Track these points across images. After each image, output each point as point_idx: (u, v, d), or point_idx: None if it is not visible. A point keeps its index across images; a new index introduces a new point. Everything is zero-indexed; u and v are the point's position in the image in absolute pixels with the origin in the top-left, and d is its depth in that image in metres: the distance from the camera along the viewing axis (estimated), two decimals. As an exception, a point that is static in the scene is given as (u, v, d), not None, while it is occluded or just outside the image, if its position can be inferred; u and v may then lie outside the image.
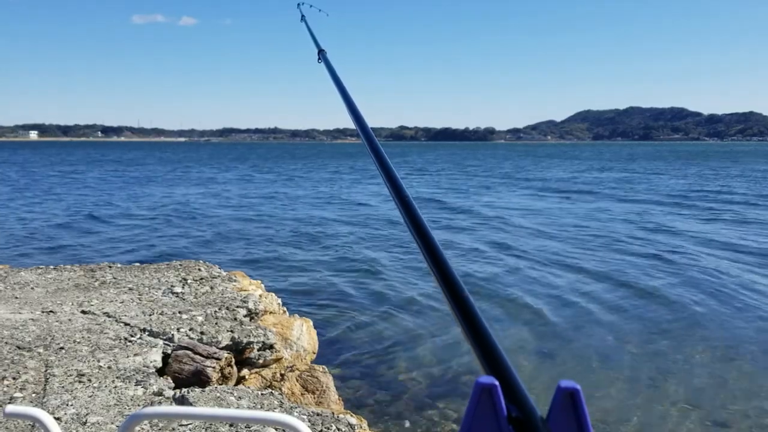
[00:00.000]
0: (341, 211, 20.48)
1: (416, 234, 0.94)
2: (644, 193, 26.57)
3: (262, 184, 32.45)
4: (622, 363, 6.63)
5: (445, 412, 5.41)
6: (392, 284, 10.01)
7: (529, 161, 67.17)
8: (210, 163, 60.08)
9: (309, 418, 3.26)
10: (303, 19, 2.84)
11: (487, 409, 0.54)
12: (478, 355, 0.67)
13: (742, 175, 39.43)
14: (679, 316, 8.21)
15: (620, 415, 5.42)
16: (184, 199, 24.17)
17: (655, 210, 20.11)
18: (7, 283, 5.63)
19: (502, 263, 11.60)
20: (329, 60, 2.14)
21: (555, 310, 8.49)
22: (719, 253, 12.42)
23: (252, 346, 4.44)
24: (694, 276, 10.43)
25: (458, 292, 0.78)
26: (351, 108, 1.62)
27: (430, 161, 67.61)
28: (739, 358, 6.76)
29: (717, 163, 61.00)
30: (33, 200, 23.29)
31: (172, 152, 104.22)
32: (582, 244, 13.57)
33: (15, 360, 3.75)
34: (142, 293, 5.35)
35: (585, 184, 32.61)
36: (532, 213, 19.60)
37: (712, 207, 20.89)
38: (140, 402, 3.33)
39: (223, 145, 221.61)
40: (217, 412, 1.11)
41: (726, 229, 15.67)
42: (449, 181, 36.04)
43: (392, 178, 1.14)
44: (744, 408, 5.58)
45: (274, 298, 5.90)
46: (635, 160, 68.48)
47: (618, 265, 11.30)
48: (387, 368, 6.45)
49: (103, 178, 36.66)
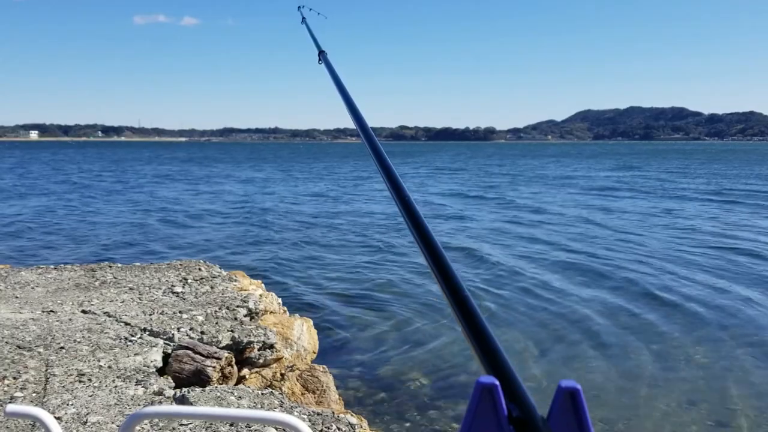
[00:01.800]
0: (342, 211, 20.49)
1: (417, 234, 0.94)
2: (671, 191, 26.58)
3: (301, 183, 31.91)
4: (622, 363, 6.63)
5: (445, 412, 5.41)
6: (393, 284, 10.02)
7: (549, 161, 66.94)
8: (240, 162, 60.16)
9: (309, 418, 3.26)
10: (304, 21, 2.89)
11: (488, 408, 0.54)
12: (479, 355, 0.67)
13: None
14: (680, 316, 8.20)
15: (621, 415, 5.42)
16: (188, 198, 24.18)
17: (665, 207, 20.11)
18: (8, 282, 5.63)
19: (502, 263, 11.60)
20: (330, 61, 2.15)
21: (556, 310, 8.49)
22: (720, 253, 12.42)
23: (252, 346, 4.44)
24: (695, 276, 10.43)
25: (458, 292, 0.78)
26: (351, 108, 1.62)
27: (446, 161, 66.78)
28: (740, 358, 6.75)
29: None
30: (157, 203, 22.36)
31: (243, 151, 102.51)
32: (585, 244, 13.57)
33: (15, 360, 3.75)
34: (142, 293, 5.35)
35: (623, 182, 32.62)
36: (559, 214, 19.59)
37: (711, 200, 20.91)
38: (140, 402, 3.33)
39: (227, 144, 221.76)
40: (218, 412, 1.11)
41: (727, 226, 15.66)
42: (483, 180, 35.72)
43: (392, 177, 1.14)
44: (744, 408, 5.58)
45: (275, 298, 5.90)
46: (665, 158, 68.54)
47: (619, 265, 11.30)
48: (387, 368, 6.45)
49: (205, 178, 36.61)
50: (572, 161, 64.82)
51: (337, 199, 24.35)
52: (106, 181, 34.34)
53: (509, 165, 56.78)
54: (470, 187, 30.47)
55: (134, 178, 36.79)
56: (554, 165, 56.10)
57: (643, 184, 31.66)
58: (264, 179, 36.39)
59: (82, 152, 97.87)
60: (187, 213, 19.55)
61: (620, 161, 63.11)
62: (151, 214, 19.29)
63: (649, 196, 25.06)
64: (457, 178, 38.27)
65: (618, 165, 54.42)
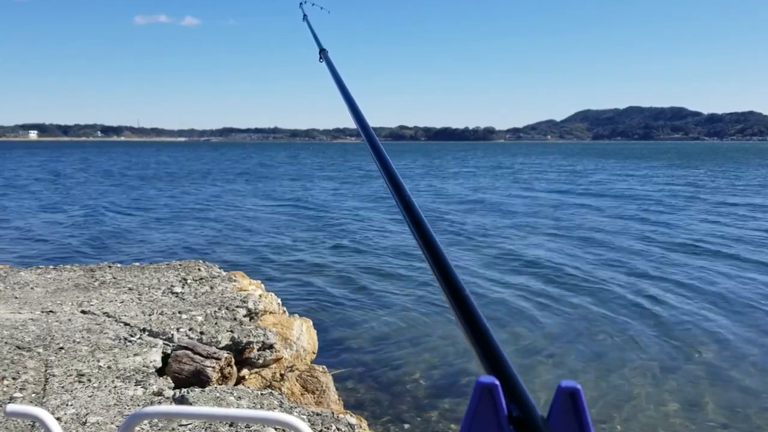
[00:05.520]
0: (342, 211, 20.48)
1: (417, 234, 0.94)
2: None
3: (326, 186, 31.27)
4: (623, 363, 6.63)
5: (445, 412, 5.41)
6: (393, 284, 10.01)
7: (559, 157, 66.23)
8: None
9: (309, 418, 3.26)
10: (305, 19, 2.85)
11: (488, 408, 0.54)
12: (479, 355, 0.67)
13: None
14: (681, 316, 8.21)
15: (621, 415, 5.42)
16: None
17: (661, 206, 20.12)
18: (7, 283, 5.63)
19: (504, 264, 11.60)
20: (330, 59, 2.14)
21: (556, 310, 8.49)
22: (721, 252, 12.42)
23: (252, 346, 4.43)
24: (695, 276, 10.43)
25: (459, 292, 0.78)
26: (352, 107, 1.62)
27: (460, 161, 65.86)
28: (741, 358, 6.76)
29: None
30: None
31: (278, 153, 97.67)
32: (587, 244, 13.57)
33: (15, 360, 3.74)
34: (141, 293, 5.35)
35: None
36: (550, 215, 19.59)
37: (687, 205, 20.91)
38: (140, 402, 3.33)
39: (225, 145, 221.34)
40: (217, 412, 1.11)
41: (711, 226, 15.68)
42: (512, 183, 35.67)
43: (393, 177, 1.14)
44: (745, 408, 5.58)
45: (274, 298, 5.90)
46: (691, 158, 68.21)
47: (620, 265, 11.30)
48: (387, 368, 6.45)
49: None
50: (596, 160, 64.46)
51: (338, 199, 24.34)
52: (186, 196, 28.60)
53: (510, 162, 56.77)
54: (470, 187, 30.48)
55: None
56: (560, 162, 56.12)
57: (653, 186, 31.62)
58: (255, 180, 36.39)
59: (161, 154, 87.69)
60: (191, 214, 19.55)
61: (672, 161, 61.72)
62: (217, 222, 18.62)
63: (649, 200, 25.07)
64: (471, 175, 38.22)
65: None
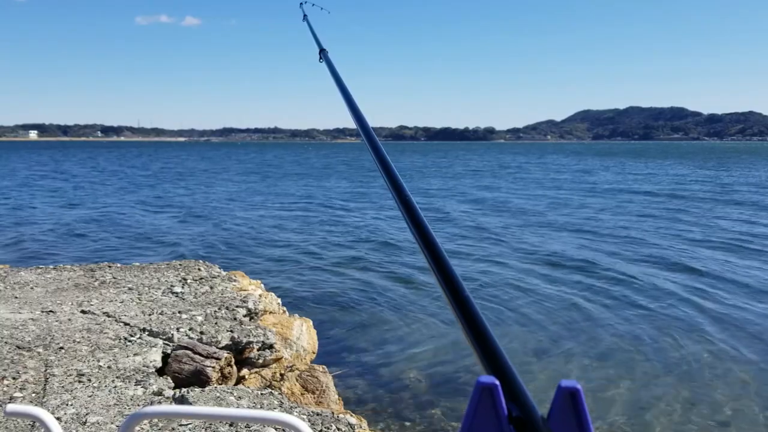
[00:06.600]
0: (342, 211, 20.48)
1: (417, 234, 0.94)
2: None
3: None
4: (623, 363, 6.63)
5: (445, 412, 5.41)
6: (393, 284, 10.01)
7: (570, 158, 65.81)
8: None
9: (309, 418, 3.26)
10: (305, 19, 2.85)
11: (488, 408, 0.54)
12: (479, 355, 0.67)
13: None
14: (681, 316, 8.21)
15: (621, 415, 5.42)
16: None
17: (655, 207, 20.11)
18: (7, 282, 5.63)
19: (503, 263, 11.60)
20: (330, 59, 2.14)
21: (556, 310, 8.49)
22: (721, 254, 12.42)
23: (252, 346, 4.43)
24: (696, 276, 10.43)
25: (459, 292, 0.78)
26: (352, 107, 1.62)
27: (469, 161, 64.89)
28: (741, 358, 6.75)
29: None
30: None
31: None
32: (586, 245, 13.57)
33: (15, 360, 3.74)
34: (141, 293, 5.35)
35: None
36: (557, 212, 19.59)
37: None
38: (140, 402, 3.33)
39: (224, 144, 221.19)
40: (217, 412, 1.11)
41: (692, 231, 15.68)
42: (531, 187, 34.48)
43: (393, 177, 1.14)
44: (745, 408, 5.58)
45: (274, 298, 5.90)
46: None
47: (619, 266, 11.30)
48: (387, 368, 6.45)
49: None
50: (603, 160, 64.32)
51: (338, 200, 24.34)
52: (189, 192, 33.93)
53: (512, 163, 56.82)
54: (468, 189, 30.49)
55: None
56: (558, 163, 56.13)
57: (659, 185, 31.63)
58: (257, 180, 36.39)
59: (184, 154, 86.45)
60: (191, 213, 19.55)
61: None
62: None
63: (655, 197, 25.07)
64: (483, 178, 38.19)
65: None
